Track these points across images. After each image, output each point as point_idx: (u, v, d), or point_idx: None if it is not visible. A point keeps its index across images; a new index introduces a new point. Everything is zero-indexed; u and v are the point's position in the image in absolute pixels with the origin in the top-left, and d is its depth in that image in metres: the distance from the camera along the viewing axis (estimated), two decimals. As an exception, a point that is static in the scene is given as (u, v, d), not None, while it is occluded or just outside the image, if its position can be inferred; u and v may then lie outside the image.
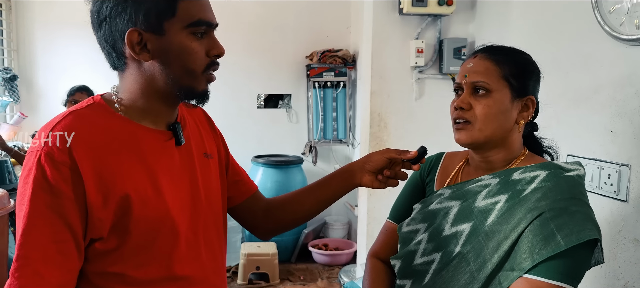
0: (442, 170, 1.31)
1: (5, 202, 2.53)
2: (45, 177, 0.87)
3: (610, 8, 1.62)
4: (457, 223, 1.12)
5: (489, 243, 1.05)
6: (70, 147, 0.89)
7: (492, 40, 2.42)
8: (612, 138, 1.64)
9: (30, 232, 0.87)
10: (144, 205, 0.94)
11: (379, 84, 2.62)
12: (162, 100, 1.00)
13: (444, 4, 2.45)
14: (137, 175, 0.95)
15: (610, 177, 1.63)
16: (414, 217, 1.24)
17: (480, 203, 1.10)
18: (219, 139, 1.22)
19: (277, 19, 4.57)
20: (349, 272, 3.50)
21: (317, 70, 4.39)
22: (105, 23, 0.95)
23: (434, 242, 1.15)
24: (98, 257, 0.94)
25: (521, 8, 2.20)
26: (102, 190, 0.90)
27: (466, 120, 1.13)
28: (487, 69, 1.12)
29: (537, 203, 1.02)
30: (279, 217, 1.27)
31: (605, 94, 1.66)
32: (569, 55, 1.84)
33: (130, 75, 0.99)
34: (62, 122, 0.93)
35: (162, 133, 1.02)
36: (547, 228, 0.98)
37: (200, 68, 0.98)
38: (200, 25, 0.96)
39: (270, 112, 4.66)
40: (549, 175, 1.06)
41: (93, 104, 0.99)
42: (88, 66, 4.32)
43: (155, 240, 0.97)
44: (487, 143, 1.14)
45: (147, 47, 0.95)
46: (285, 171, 4.20)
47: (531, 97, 1.15)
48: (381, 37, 2.59)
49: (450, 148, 1.31)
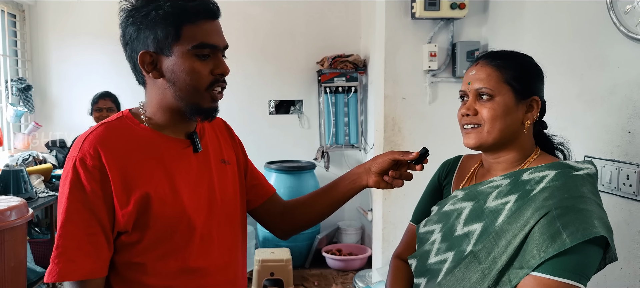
0: (459, 172, 1.35)
1: (24, 211, 2.57)
2: (79, 179, 1.03)
3: (625, 8, 1.61)
4: (469, 224, 1.16)
5: (499, 243, 1.08)
6: (100, 153, 1.04)
7: (505, 43, 2.44)
8: (630, 138, 1.64)
9: (66, 225, 1.02)
10: (162, 204, 1.07)
11: (392, 88, 2.62)
12: (175, 113, 1.13)
13: (457, 7, 2.46)
14: (157, 177, 1.08)
15: (629, 178, 1.62)
16: (431, 218, 1.29)
17: (491, 204, 1.14)
18: (237, 146, 1.34)
19: (288, 25, 4.60)
20: (363, 277, 3.50)
21: (328, 75, 4.41)
22: (129, 46, 1.10)
23: (447, 242, 1.19)
24: (124, 249, 1.09)
25: (534, 10, 2.20)
26: (126, 190, 1.05)
27: (475, 124, 1.18)
28: (489, 74, 1.17)
29: (545, 202, 1.05)
30: (294, 219, 1.38)
31: (622, 94, 1.66)
32: (584, 56, 1.84)
33: (149, 91, 1.14)
34: (95, 132, 1.09)
35: (180, 141, 1.15)
36: (554, 227, 1.01)
37: (203, 86, 1.09)
38: (204, 47, 1.08)
39: (282, 118, 4.68)
40: (557, 175, 1.09)
41: (122, 117, 1.14)
42: (102, 75, 4.37)
43: (173, 235, 1.09)
44: (495, 144, 1.18)
45: (157, 66, 1.09)
46: (298, 177, 4.21)
47: (535, 97, 1.19)
48: (394, 42, 2.60)
49: (465, 150, 1.33)
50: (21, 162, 3.70)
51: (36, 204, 3.22)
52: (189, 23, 1.06)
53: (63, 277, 1.00)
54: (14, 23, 4.36)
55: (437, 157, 1.43)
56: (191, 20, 1.06)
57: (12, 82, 4.24)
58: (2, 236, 2.33)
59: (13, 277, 2.41)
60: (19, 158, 3.75)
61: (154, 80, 1.10)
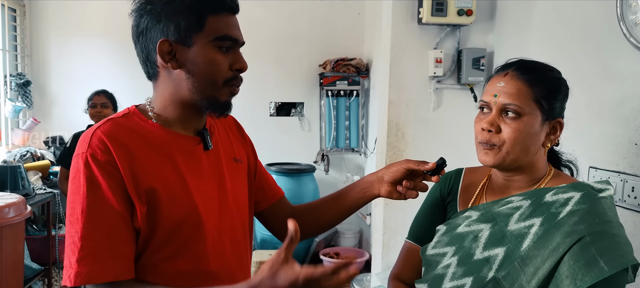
0: (463, 188, 1.28)
1: (22, 209, 2.54)
2: (93, 175, 0.98)
3: (637, 20, 1.61)
4: (489, 248, 1.09)
5: (525, 269, 1.02)
6: (109, 148, 0.99)
7: (512, 51, 2.43)
8: (636, 151, 1.63)
9: (88, 225, 0.96)
10: (171, 201, 1.02)
11: (396, 94, 2.61)
12: (188, 108, 1.08)
13: (464, 13, 2.44)
14: (166, 173, 1.04)
15: (634, 190, 1.62)
16: (440, 240, 1.21)
17: (513, 227, 1.07)
18: (248, 145, 1.30)
19: (291, 28, 4.59)
20: (361, 281, 3.48)
21: (330, 78, 4.40)
22: (142, 35, 1.05)
23: (465, 266, 1.11)
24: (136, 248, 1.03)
25: (542, 18, 2.19)
26: (135, 185, 1.00)
27: (493, 144, 1.10)
28: (519, 90, 1.08)
29: (575, 227, 1.00)
30: (303, 224, 1.30)
31: (630, 106, 1.65)
32: (592, 67, 1.83)
33: (162, 83, 1.08)
34: (102, 127, 1.03)
35: (190, 138, 1.11)
36: (589, 253, 0.96)
37: (222, 79, 1.05)
38: (226, 40, 1.05)
39: (282, 120, 4.67)
40: (583, 197, 1.04)
41: (128, 113, 1.09)
42: (102, 73, 4.35)
43: (182, 235, 1.04)
44: (513, 165, 1.12)
45: (176, 56, 1.04)
46: (298, 179, 4.20)
47: (559, 119, 1.13)
48: (399, 47, 2.59)
49: (469, 158, 1.29)
50: (19, 158, 3.68)
51: (33, 201, 3.19)
52: (212, 13, 1.03)
53: (93, 279, 0.95)
54: (14, 18, 4.34)
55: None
56: (215, 11, 1.03)
57: (11, 77, 4.21)
58: (0, 233, 2.31)
59: (11, 273, 2.39)
60: (16, 154, 3.73)
61: (169, 72, 1.05)
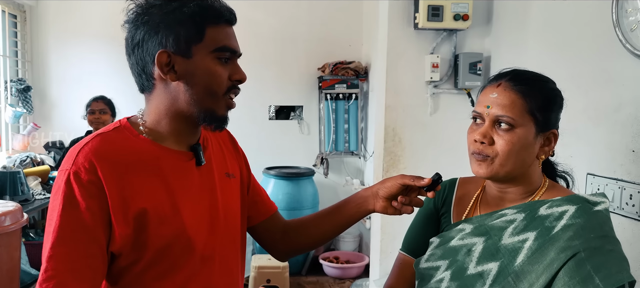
0: (457, 200, 1.26)
1: (19, 216, 2.54)
2: (73, 194, 0.94)
3: (632, 26, 1.59)
4: (482, 262, 1.08)
5: (519, 284, 1.01)
6: (95, 167, 0.96)
7: (509, 55, 2.42)
8: (633, 158, 1.62)
9: (58, 245, 0.93)
10: (160, 222, 1.00)
11: (393, 99, 2.60)
12: (184, 121, 1.06)
13: (460, 18, 2.43)
14: (156, 193, 1.01)
15: (632, 198, 1.60)
16: (433, 253, 1.20)
17: (507, 241, 1.06)
18: (241, 159, 1.27)
19: (290, 31, 4.58)
20: (361, 286, 3.48)
21: (329, 82, 4.39)
22: (138, 47, 1.02)
23: (458, 281, 1.10)
24: (118, 272, 1.01)
25: (538, 23, 2.18)
26: (123, 207, 0.97)
27: (486, 155, 1.09)
28: (513, 102, 1.07)
29: (570, 242, 0.99)
30: (296, 240, 1.31)
31: (627, 112, 1.64)
32: (588, 72, 1.81)
33: (157, 96, 1.05)
34: (90, 143, 1.00)
35: (183, 154, 1.08)
36: (584, 270, 0.95)
37: (221, 90, 1.04)
38: (225, 51, 1.03)
39: (281, 124, 4.66)
40: (578, 211, 1.03)
41: (119, 127, 1.06)
42: (101, 78, 4.36)
43: (171, 256, 1.02)
44: (506, 177, 1.11)
45: (174, 68, 1.01)
46: (297, 183, 4.19)
47: (554, 130, 1.12)
48: (396, 52, 2.58)
49: (466, 164, 1.27)
50: (19, 163, 3.68)
51: (33, 206, 3.20)
52: (212, 24, 1.01)
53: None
54: (15, 24, 4.34)
55: (437, 169, 1.35)
56: (214, 22, 1.02)
57: (12, 83, 4.22)
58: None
59: (6, 281, 2.39)
60: (16, 160, 3.73)
61: (166, 84, 1.02)
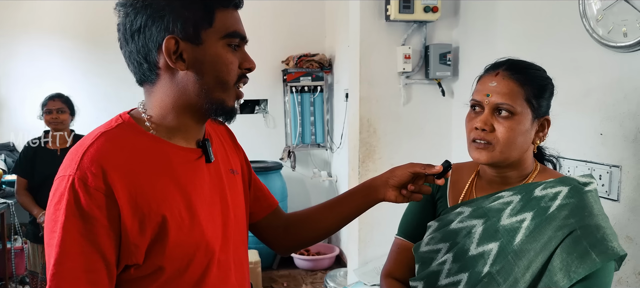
0: (452, 184, 1.29)
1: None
2: (79, 203, 0.84)
3: (597, 16, 1.67)
4: (483, 243, 1.12)
5: (519, 263, 1.06)
6: (104, 172, 0.86)
7: (477, 46, 2.49)
8: (602, 140, 1.70)
9: (63, 261, 0.84)
10: (179, 229, 0.92)
11: (367, 90, 2.63)
12: (192, 115, 0.98)
13: (430, 10, 2.49)
14: (172, 198, 0.92)
15: (602, 178, 1.69)
16: (433, 236, 1.22)
17: (506, 222, 1.11)
18: (241, 154, 1.21)
19: (253, 24, 4.49)
20: (335, 277, 3.50)
21: (294, 74, 4.39)
22: (139, 33, 0.92)
23: (460, 262, 1.14)
24: (132, 283, 0.92)
25: (505, 15, 2.25)
26: (138, 215, 0.88)
27: (487, 141, 1.13)
28: (512, 90, 1.11)
29: (566, 220, 1.04)
30: (299, 234, 1.24)
31: (595, 97, 1.72)
32: (558, 60, 1.88)
33: (161, 88, 0.96)
34: (95, 144, 0.89)
35: (192, 151, 1.00)
36: (581, 246, 1.01)
37: (232, 80, 0.97)
38: (235, 37, 0.97)
39: (246, 118, 4.61)
40: (571, 191, 1.09)
41: (122, 123, 0.96)
42: (55, 74, 4.17)
43: (190, 264, 0.94)
44: (505, 162, 1.15)
45: (182, 56, 0.93)
46: (265, 177, 4.17)
47: (547, 117, 1.18)
48: (368, 43, 2.61)
49: (440, 150, 1.27)
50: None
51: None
52: (221, 7, 0.94)
53: None
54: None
55: (411, 157, 1.39)
56: (223, 4, 0.95)
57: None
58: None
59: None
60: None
61: (173, 74, 0.94)
